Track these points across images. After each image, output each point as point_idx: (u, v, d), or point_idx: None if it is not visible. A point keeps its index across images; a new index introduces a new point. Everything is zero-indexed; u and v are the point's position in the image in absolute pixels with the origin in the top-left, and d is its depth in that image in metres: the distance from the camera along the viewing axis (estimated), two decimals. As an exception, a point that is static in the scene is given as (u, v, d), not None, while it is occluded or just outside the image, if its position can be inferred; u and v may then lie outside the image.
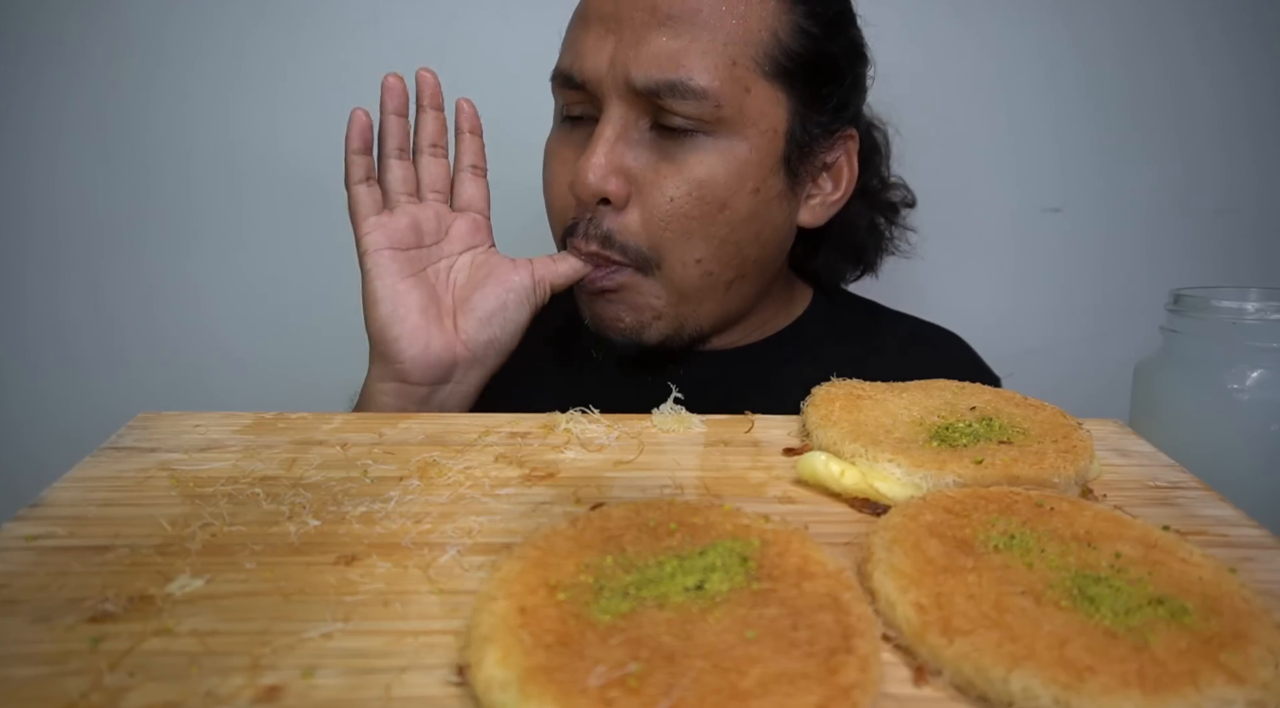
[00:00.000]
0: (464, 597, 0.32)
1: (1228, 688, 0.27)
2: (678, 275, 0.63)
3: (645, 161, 0.61)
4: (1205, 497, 0.43)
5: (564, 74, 0.62)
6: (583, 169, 0.59)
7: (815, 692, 0.26)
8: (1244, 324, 0.50)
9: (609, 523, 0.35)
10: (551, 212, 0.66)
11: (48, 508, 0.38)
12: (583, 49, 0.61)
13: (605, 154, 0.59)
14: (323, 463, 0.44)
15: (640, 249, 0.61)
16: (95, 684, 0.27)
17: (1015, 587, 0.32)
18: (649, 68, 0.58)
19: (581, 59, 0.61)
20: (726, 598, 0.30)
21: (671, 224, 0.61)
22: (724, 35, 0.59)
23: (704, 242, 0.62)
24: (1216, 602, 0.31)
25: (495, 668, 0.27)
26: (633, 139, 0.61)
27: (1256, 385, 0.50)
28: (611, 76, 0.59)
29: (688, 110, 0.59)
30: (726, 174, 0.61)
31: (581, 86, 0.61)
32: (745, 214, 0.62)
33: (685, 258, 0.62)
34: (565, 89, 0.63)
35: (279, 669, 0.28)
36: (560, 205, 0.64)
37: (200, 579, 0.33)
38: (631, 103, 0.60)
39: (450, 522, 0.38)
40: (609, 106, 0.60)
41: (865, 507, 0.41)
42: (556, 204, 0.65)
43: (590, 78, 0.60)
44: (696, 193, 0.60)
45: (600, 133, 0.60)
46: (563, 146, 0.64)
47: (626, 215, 0.61)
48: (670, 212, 0.60)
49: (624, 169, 0.60)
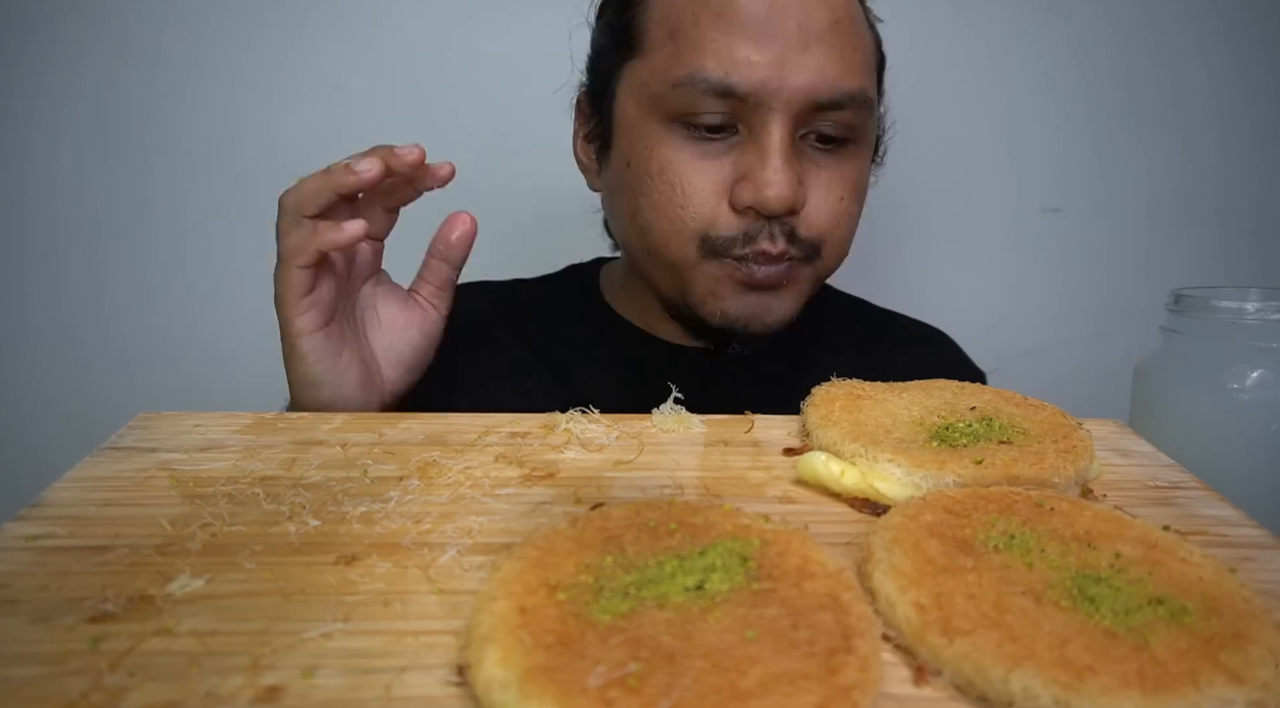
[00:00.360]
0: (464, 597, 0.32)
1: (1228, 688, 0.27)
2: (831, 265, 0.67)
3: (807, 170, 0.62)
4: (1205, 497, 0.43)
5: (719, 84, 0.59)
6: (774, 183, 0.59)
7: (815, 692, 0.26)
8: (1244, 324, 0.50)
9: (609, 523, 0.35)
10: (688, 221, 0.62)
11: (48, 508, 0.38)
12: (743, 58, 0.58)
13: (789, 167, 0.59)
14: (323, 463, 0.44)
15: (815, 243, 0.63)
16: (95, 684, 0.27)
17: (1015, 587, 0.32)
18: (833, 80, 0.59)
19: (746, 68, 0.58)
20: (726, 598, 0.30)
21: (841, 222, 0.64)
22: (866, 45, 0.62)
23: (851, 235, 0.67)
24: (1216, 602, 0.31)
25: (495, 668, 0.27)
26: (796, 149, 0.61)
27: (1257, 385, 0.50)
28: (785, 88, 0.58)
29: (851, 121, 0.61)
30: (865, 176, 0.66)
31: (743, 98, 0.59)
32: (864, 209, 0.67)
33: (843, 251, 0.66)
34: (710, 98, 0.59)
35: (279, 669, 0.28)
36: (703, 214, 0.62)
37: (200, 579, 0.33)
38: (797, 114, 0.59)
39: (450, 522, 0.38)
40: (774, 118, 0.59)
41: (865, 507, 0.41)
42: (700, 211, 0.62)
43: (757, 89, 0.58)
44: (855, 194, 0.64)
45: (774, 146, 0.59)
46: (695, 156, 0.61)
47: (803, 216, 0.62)
48: (841, 211, 0.63)
49: (801, 179, 0.61)
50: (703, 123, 0.60)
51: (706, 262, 0.63)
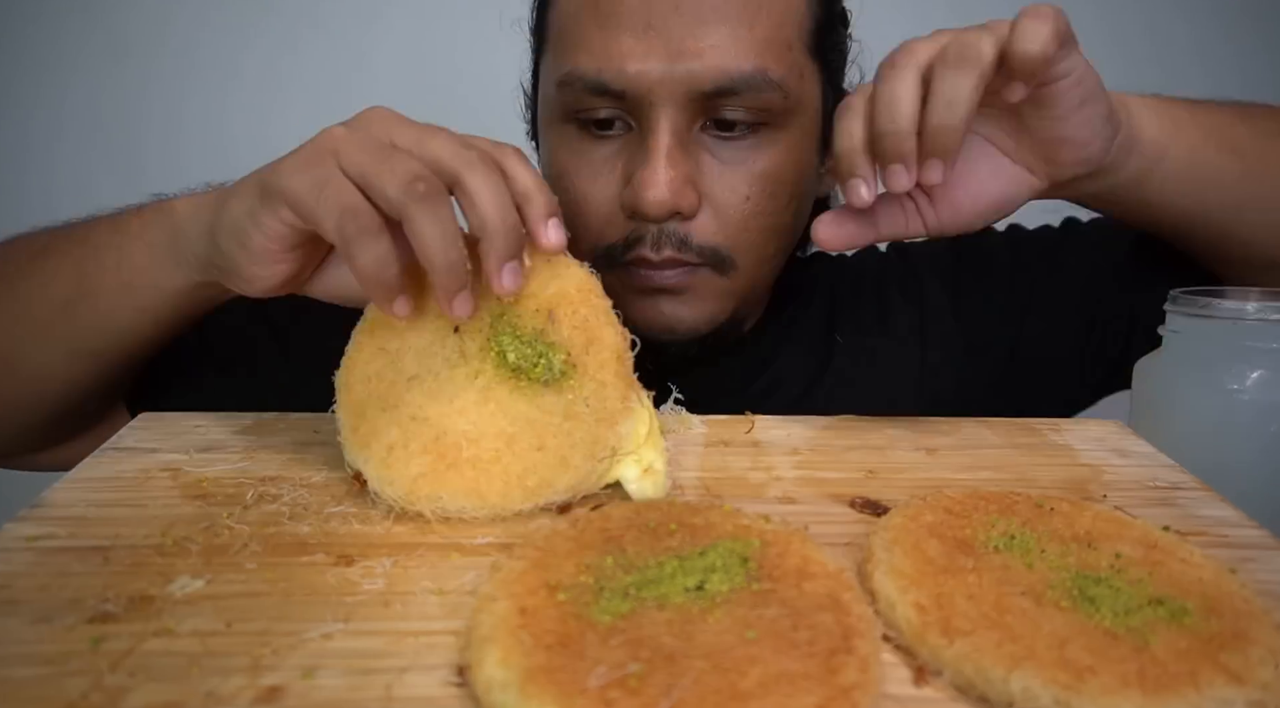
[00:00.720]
0: (464, 597, 0.32)
1: (1228, 689, 0.27)
2: (752, 271, 0.60)
3: (708, 165, 0.56)
4: (1205, 497, 0.43)
5: (594, 82, 0.54)
6: (651, 184, 0.53)
7: (815, 692, 0.26)
8: (1244, 324, 0.50)
9: (609, 523, 0.35)
10: (582, 230, 0.58)
11: (48, 509, 0.38)
12: (617, 51, 0.53)
13: (673, 167, 0.54)
14: (323, 463, 0.44)
15: (718, 249, 0.57)
16: (95, 685, 0.27)
17: (1015, 587, 0.32)
18: (717, 65, 0.53)
19: (619, 63, 0.53)
20: (727, 599, 0.30)
21: (750, 223, 0.57)
22: (777, 17, 0.55)
23: (777, 235, 0.60)
24: (1216, 602, 0.31)
25: (495, 669, 0.27)
26: (689, 144, 0.55)
27: (1257, 386, 0.50)
28: (667, 82, 0.53)
29: (755, 104, 0.55)
30: (791, 165, 0.58)
31: (620, 95, 0.54)
32: (802, 200, 0.61)
33: (763, 254, 0.60)
34: (591, 96, 0.55)
35: (279, 670, 0.28)
36: (595, 224, 0.58)
37: (200, 580, 0.33)
38: (686, 106, 0.54)
39: (450, 522, 0.38)
40: (659, 114, 0.54)
41: (866, 507, 0.41)
42: (593, 222, 0.58)
43: (635, 85, 0.53)
44: (769, 189, 0.57)
45: (658, 145, 0.54)
46: (587, 159, 0.58)
47: (699, 221, 0.57)
48: (748, 211, 0.57)
49: (690, 179, 0.55)
50: (591, 118, 0.56)
51: (606, 273, 0.54)
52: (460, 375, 0.41)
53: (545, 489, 0.39)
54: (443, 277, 0.38)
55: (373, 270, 0.38)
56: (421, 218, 0.37)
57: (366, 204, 0.38)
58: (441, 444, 0.39)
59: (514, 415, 0.40)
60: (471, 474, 0.39)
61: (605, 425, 0.40)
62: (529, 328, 0.42)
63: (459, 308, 0.39)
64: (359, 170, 0.39)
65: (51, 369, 0.53)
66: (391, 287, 0.39)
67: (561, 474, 0.39)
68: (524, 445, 0.40)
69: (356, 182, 0.39)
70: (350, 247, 0.38)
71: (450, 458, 0.39)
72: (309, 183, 0.39)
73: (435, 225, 0.37)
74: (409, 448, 0.39)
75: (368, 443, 0.40)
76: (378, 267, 0.38)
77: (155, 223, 0.49)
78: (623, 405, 0.41)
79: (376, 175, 0.38)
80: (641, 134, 0.56)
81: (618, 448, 0.40)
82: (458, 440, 0.39)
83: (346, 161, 0.39)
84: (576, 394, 0.41)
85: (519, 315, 0.42)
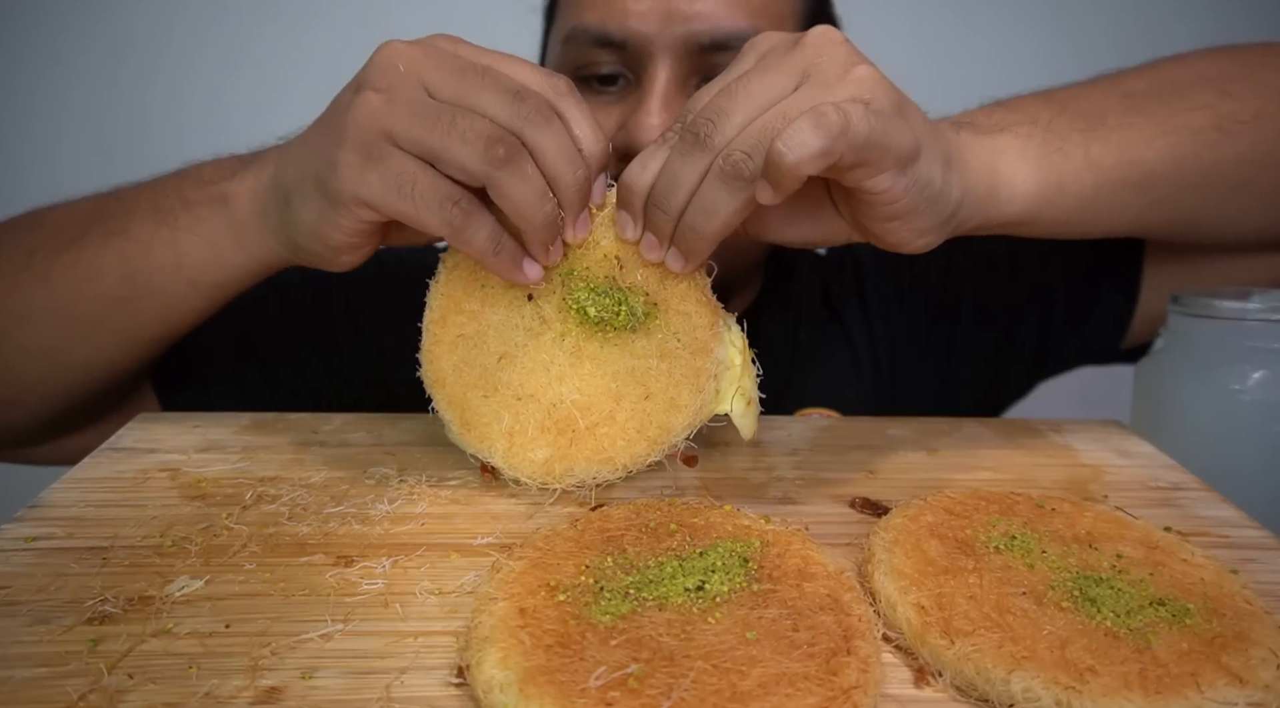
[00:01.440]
0: (464, 598, 0.32)
1: (1229, 689, 0.27)
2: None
3: None
4: (1206, 498, 0.43)
5: (598, 33, 0.57)
6: (645, 125, 0.55)
7: (816, 693, 0.26)
8: (1245, 324, 0.50)
9: (609, 524, 0.35)
10: None
11: (47, 509, 0.38)
12: (620, 7, 0.56)
13: (667, 109, 0.56)
14: (322, 463, 0.44)
15: None
16: (95, 685, 0.27)
17: (1016, 588, 0.32)
18: (712, 21, 0.55)
19: (621, 17, 0.56)
20: (727, 599, 0.30)
21: None
22: None
23: None
24: (1218, 603, 0.31)
25: (495, 669, 0.27)
26: (685, 96, 0.57)
27: (1258, 386, 0.50)
28: (665, 34, 0.56)
29: None
30: None
31: (621, 45, 0.57)
32: None
33: None
34: (594, 49, 0.58)
35: (278, 671, 0.28)
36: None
37: (200, 580, 0.33)
38: (683, 58, 0.57)
39: (450, 522, 0.38)
40: (657, 64, 0.56)
41: (866, 507, 0.41)
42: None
43: (635, 37, 0.56)
44: None
45: (654, 89, 0.56)
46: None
47: None
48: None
49: None
50: (592, 73, 0.59)
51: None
52: (547, 342, 0.41)
53: (665, 435, 0.39)
54: (540, 233, 0.38)
55: (491, 247, 0.38)
56: (510, 181, 0.37)
57: (458, 189, 0.38)
58: (556, 419, 0.40)
59: (613, 370, 0.40)
60: (594, 443, 0.39)
61: (701, 355, 0.40)
62: (600, 278, 0.41)
63: (554, 255, 0.40)
64: (423, 147, 0.38)
65: (102, 358, 0.53)
66: (515, 255, 0.39)
67: (675, 416, 0.40)
68: (632, 398, 0.40)
69: (424, 157, 0.38)
70: (461, 234, 0.38)
71: (570, 432, 0.39)
72: (386, 184, 0.39)
73: (525, 185, 0.37)
74: (527, 432, 0.40)
75: (484, 435, 0.40)
76: (493, 243, 0.38)
77: (211, 218, 0.48)
78: (712, 332, 0.41)
79: (445, 149, 0.38)
80: (639, 84, 0.58)
81: (718, 375, 0.40)
82: (569, 412, 0.40)
83: (404, 140, 0.39)
84: (665, 332, 0.41)
85: (587, 268, 0.41)
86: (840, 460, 0.46)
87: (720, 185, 0.38)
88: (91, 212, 0.52)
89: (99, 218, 0.51)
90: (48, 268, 0.51)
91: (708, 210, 0.38)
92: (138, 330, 0.51)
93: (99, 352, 0.52)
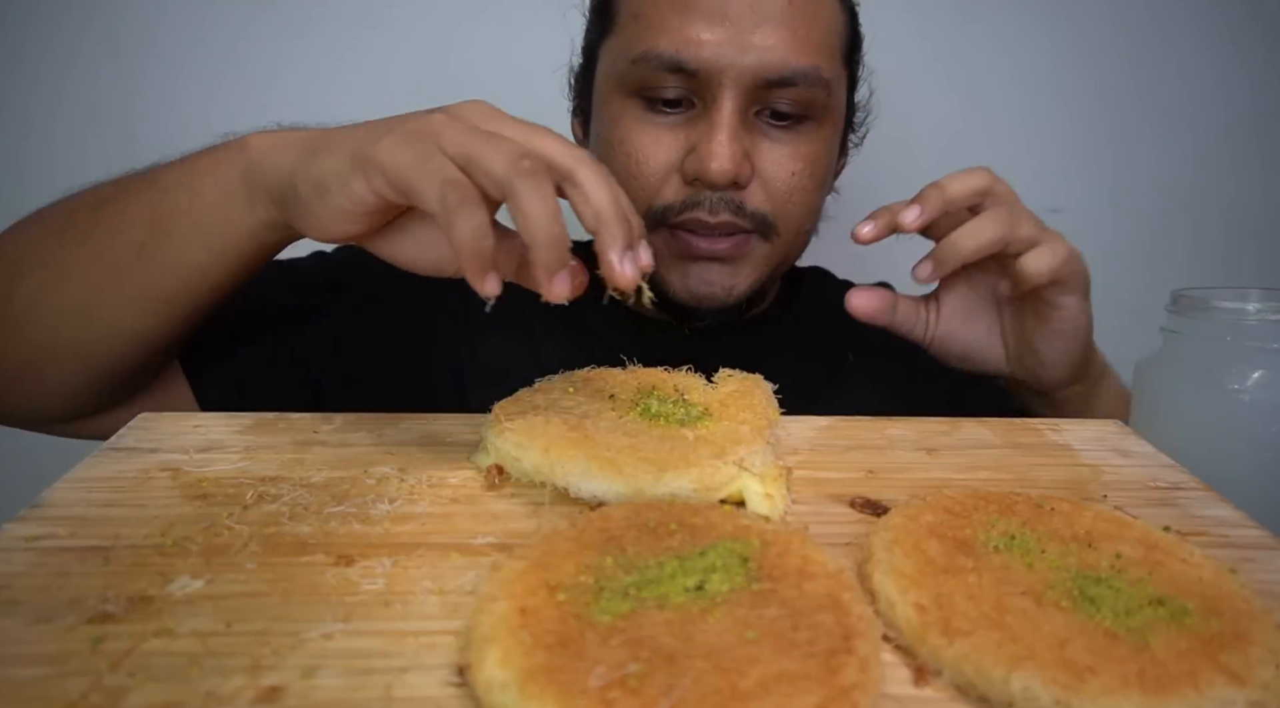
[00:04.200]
0: (464, 597, 0.32)
1: (1228, 689, 0.27)
2: (791, 240, 0.67)
3: (760, 144, 0.64)
4: (1206, 497, 0.43)
5: (671, 60, 0.61)
6: (716, 156, 0.60)
7: (815, 693, 0.26)
8: (1244, 324, 0.50)
9: (609, 523, 0.35)
10: (637, 191, 0.64)
11: (48, 509, 0.38)
12: (694, 37, 0.61)
13: (735, 141, 0.61)
14: (323, 463, 0.44)
15: (766, 217, 0.65)
16: (95, 685, 0.27)
17: (1015, 587, 0.32)
18: (782, 58, 0.61)
19: (695, 48, 0.61)
20: (727, 599, 0.30)
21: (794, 196, 0.65)
22: (825, 24, 0.63)
23: (813, 212, 0.68)
24: (1217, 603, 0.31)
25: (495, 669, 0.27)
26: (748, 124, 0.63)
27: (1257, 386, 0.50)
28: (734, 66, 0.60)
29: (805, 98, 0.62)
30: (826, 153, 0.67)
31: (694, 74, 0.61)
32: (828, 187, 0.70)
33: (801, 225, 0.67)
34: (664, 74, 0.62)
35: (279, 670, 0.28)
36: (651, 184, 0.64)
37: (200, 580, 0.33)
38: (748, 91, 0.61)
39: (450, 522, 0.38)
40: (724, 94, 0.61)
41: (866, 507, 0.41)
42: (649, 181, 0.64)
43: (706, 66, 0.61)
44: (810, 170, 0.65)
45: (722, 121, 0.61)
46: (650, 128, 0.64)
47: (751, 189, 0.64)
48: (793, 186, 0.65)
49: (746, 153, 0.63)
50: (659, 97, 0.63)
51: (652, 233, 0.64)
52: (608, 417, 0.45)
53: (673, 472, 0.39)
54: (545, 251, 0.38)
55: (471, 239, 0.38)
56: (528, 192, 0.38)
57: (467, 182, 0.39)
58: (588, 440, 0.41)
59: (648, 437, 0.42)
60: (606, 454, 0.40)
61: (732, 443, 0.42)
62: (671, 397, 0.47)
63: (558, 286, 0.39)
64: (461, 151, 0.40)
65: (126, 319, 0.53)
66: (486, 259, 0.39)
67: (687, 464, 0.40)
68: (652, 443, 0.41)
69: (458, 162, 0.40)
70: (451, 215, 0.38)
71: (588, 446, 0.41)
72: (411, 158, 0.40)
73: (541, 201, 0.38)
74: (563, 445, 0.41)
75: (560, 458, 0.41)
76: (475, 236, 0.38)
77: (227, 160, 0.50)
78: (753, 436, 0.43)
79: (481, 155, 0.39)
80: (707, 111, 0.62)
81: (744, 462, 0.41)
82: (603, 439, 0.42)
83: (448, 143, 0.40)
84: (709, 430, 0.43)
85: (664, 394, 0.47)
86: (840, 461, 0.46)
87: (990, 221, 0.55)
88: (129, 176, 0.55)
89: (142, 174, 0.54)
90: (88, 226, 0.52)
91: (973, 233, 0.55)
92: (152, 284, 0.52)
93: (126, 307, 0.53)
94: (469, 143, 0.40)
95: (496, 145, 0.39)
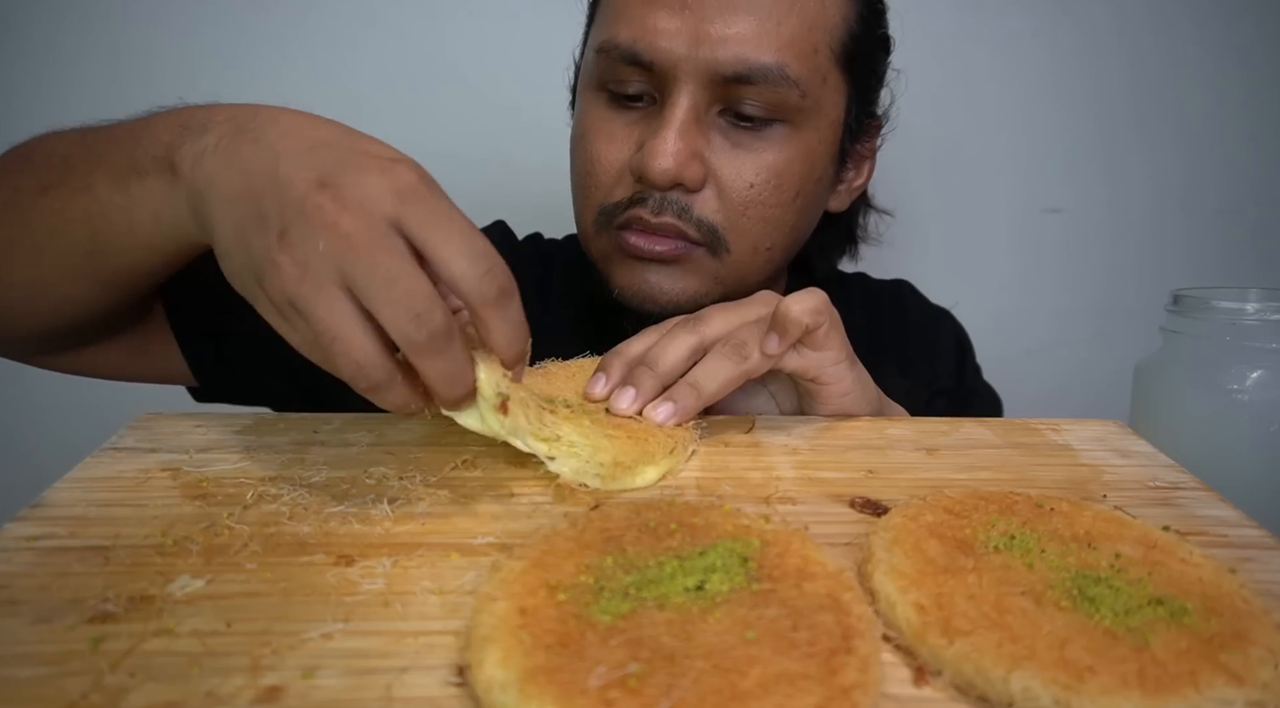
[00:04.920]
0: (464, 597, 0.32)
1: (1228, 689, 0.27)
2: (745, 260, 0.62)
3: (719, 147, 0.59)
4: (1205, 497, 0.43)
5: (627, 51, 0.58)
6: (659, 153, 0.56)
7: (815, 692, 0.26)
8: (1244, 325, 0.50)
9: (609, 523, 0.35)
10: (591, 189, 0.62)
11: (48, 509, 0.38)
12: (652, 26, 0.57)
13: (683, 139, 0.57)
14: (323, 463, 0.44)
15: (715, 229, 0.60)
16: (96, 685, 0.27)
17: (1015, 587, 0.32)
18: (739, 52, 0.56)
19: (652, 37, 0.57)
20: (727, 599, 0.30)
21: (750, 210, 0.60)
22: (809, 20, 0.58)
23: (776, 229, 0.62)
24: (1216, 602, 0.31)
25: (495, 669, 0.27)
26: (704, 123, 0.58)
27: (1256, 386, 0.50)
28: (691, 60, 0.56)
29: (772, 98, 0.57)
30: (801, 164, 0.60)
31: (649, 66, 0.57)
32: (808, 202, 0.63)
33: (758, 244, 0.61)
34: (623, 65, 0.58)
35: (279, 670, 0.28)
36: (604, 183, 0.61)
37: (201, 580, 0.33)
38: (706, 86, 0.57)
39: (450, 522, 0.39)
40: (680, 89, 0.57)
41: (866, 507, 0.41)
42: (601, 180, 0.61)
43: (663, 59, 0.57)
44: (775, 182, 0.60)
45: (673, 117, 0.57)
46: (609, 124, 0.61)
47: (702, 196, 0.59)
48: (750, 198, 0.59)
49: (698, 154, 0.58)
50: (621, 92, 0.60)
51: (600, 232, 0.62)
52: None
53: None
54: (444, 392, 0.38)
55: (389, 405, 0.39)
56: (427, 364, 0.37)
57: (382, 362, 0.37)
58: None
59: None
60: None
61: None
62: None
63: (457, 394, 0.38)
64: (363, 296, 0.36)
65: (83, 297, 0.51)
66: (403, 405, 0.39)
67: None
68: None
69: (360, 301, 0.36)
70: (367, 393, 0.38)
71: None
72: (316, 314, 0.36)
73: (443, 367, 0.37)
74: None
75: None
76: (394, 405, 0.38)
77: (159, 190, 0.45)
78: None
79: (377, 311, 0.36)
80: (661, 107, 0.58)
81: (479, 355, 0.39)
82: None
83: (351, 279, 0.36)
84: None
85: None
86: (840, 461, 0.46)
87: (722, 358, 0.48)
88: (69, 156, 0.50)
89: (73, 167, 0.50)
90: (26, 211, 0.50)
91: (711, 373, 0.48)
92: (110, 277, 0.50)
93: (78, 291, 0.51)
94: (367, 291, 0.35)
95: (394, 305, 0.35)
